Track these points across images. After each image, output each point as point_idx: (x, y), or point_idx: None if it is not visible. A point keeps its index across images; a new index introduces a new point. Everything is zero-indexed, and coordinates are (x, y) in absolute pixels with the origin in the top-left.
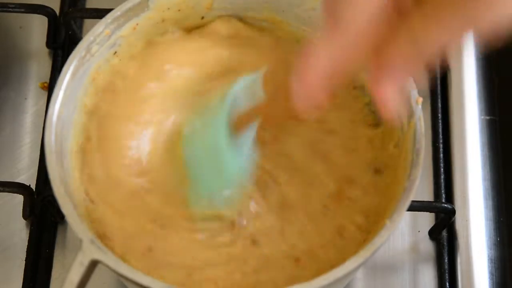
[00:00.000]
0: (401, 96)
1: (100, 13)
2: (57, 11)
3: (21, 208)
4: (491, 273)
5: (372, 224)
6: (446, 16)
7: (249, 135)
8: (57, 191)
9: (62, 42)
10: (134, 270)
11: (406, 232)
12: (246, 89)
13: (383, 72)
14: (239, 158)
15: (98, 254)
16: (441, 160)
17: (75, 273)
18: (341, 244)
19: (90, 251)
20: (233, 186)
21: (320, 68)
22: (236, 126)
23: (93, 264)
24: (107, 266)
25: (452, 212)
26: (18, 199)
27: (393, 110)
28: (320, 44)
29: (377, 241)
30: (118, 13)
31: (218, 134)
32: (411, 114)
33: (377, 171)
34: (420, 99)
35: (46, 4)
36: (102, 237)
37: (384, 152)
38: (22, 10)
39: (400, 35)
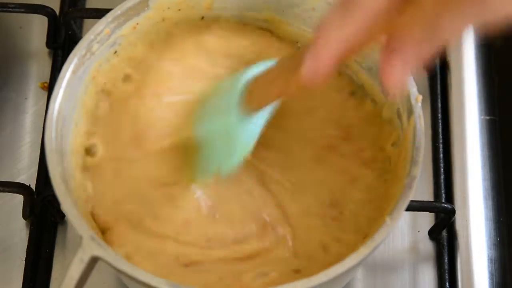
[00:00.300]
0: (408, 81)
1: (100, 13)
2: (57, 11)
3: (21, 208)
4: (491, 273)
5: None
6: (460, 2)
7: (262, 116)
8: (57, 189)
9: (62, 42)
10: (134, 266)
11: (406, 232)
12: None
13: (394, 56)
14: (248, 135)
15: (98, 250)
16: (441, 160)
17: (75, 269)
18: None
19: (90, 247)
20: (238, 161)
21: (332, 48)
22: (250, 105)
23: (93, 260)
24: (107, 263)
25: (452, 212)
26: (18, 199)
27: (398, 90)
28: (333, 25)
29: (377, 237)
30: (119, 12)
31: (231, 112)
32: (410, 112)
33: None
34: (420, 97)
35: (46, 4)
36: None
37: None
38: (22, 10)
39: (413, 20)
